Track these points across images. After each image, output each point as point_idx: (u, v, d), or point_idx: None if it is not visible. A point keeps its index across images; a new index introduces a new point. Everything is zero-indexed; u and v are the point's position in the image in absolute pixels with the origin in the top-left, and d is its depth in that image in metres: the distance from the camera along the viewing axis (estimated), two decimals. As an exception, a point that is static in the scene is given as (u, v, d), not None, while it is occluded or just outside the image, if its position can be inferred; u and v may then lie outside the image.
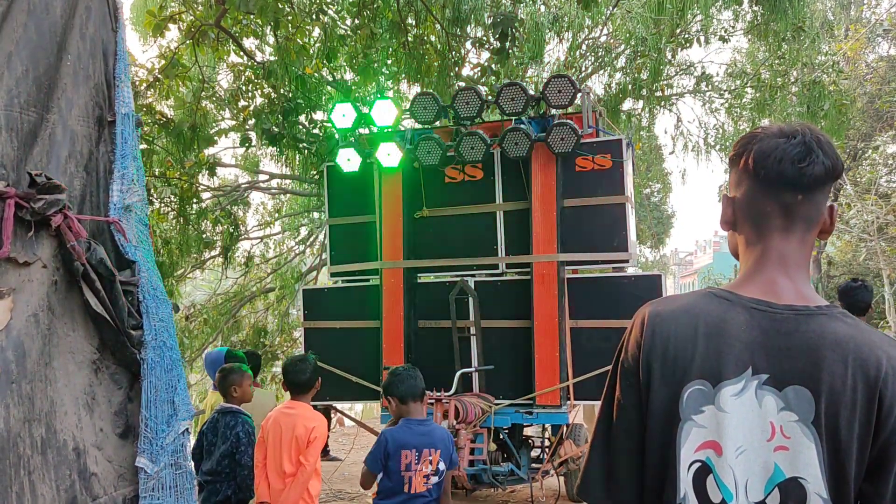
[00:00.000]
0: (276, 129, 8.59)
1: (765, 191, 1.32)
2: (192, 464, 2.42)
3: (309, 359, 4.10)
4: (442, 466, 3.48)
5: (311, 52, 8.87)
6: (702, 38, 11.64)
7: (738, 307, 1.30)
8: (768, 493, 1.22)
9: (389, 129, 6.52)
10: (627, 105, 12.62)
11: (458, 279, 6.54)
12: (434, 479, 3.46)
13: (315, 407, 6.10)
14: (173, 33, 8.81)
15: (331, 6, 8.65)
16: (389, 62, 9.04)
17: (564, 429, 6.39)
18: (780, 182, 1.30)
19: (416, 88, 9.36)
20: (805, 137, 1.31)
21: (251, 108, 9.38)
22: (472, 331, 6.46)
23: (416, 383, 3.61)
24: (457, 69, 9.25)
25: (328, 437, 8.58)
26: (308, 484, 3.75)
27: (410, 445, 3.44)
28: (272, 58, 8.94)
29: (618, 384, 1.39)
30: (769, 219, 1.32)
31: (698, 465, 1.27)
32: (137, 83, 8.32)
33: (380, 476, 3.49)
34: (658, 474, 1.31)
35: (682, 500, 1.27)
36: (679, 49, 11.97)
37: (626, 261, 6.17)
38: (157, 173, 8.92)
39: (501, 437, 6.30)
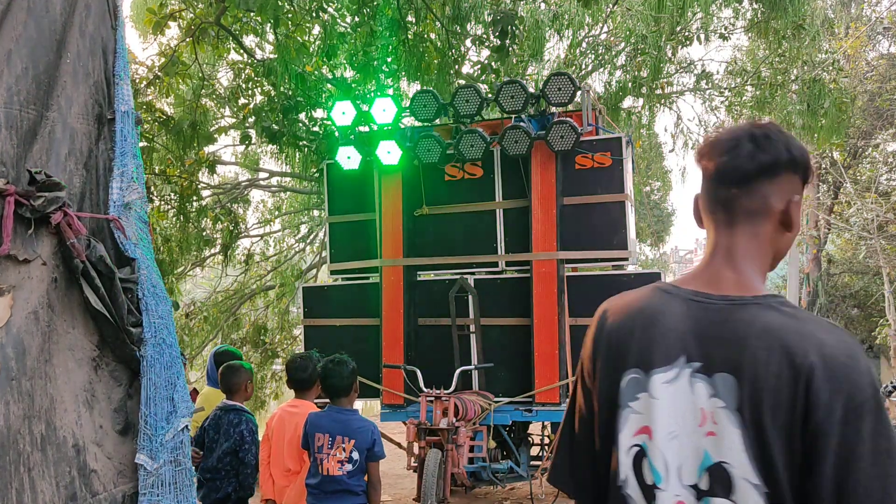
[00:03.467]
0: (276, 127, 8.59)
1: (707, 186, 1.39)
2: (191, 461, 2.42)
3: (312, 356, 4.11)
4: (356, 456, 3.57)
5: (311, 49, 8.87)
6: (702, 36, 11.64)
7: (678, 299, 1.35)
8: (700, 477, 1.25)
9: (389, 127, 6.52)
10: (627, 103, 12.62)
11: (457, 277, 6.54)
12: (348, 467, 3.52)
13: (318, 405, 6.12)
14: (173, 31, 8.82)
15: (331, 4, 8.65)
16: (389, 60, 9.03)
17: (564, 426, 6.38)
18: (715, 177, 1.36)
19: (416, 86, 9.36)
20: (742, 132, 1.33)
21: (251, 105, 9.38)
22: (472, 328, 6.46)
23: (337, 382, 3.67)
24: (457, 67, 9.24)
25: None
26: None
27: (324, 430, 3.61)
28: (272, 55, 8.94)
29: (577, 379, 1.49)
30: (714, 213, 1.37)
31: (637, 449, 1.33)
32: (138, 81, 8.32)
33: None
34: (606, 459, 1.38)
35: (623, 482, 1.33)
36: (679, 47, 11.96)
37: (626, 259, 6.18)
38: (157, 171, 8.92)
39: (509, 433, 6.32)
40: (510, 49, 8.03)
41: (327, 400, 3.84)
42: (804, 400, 1.18)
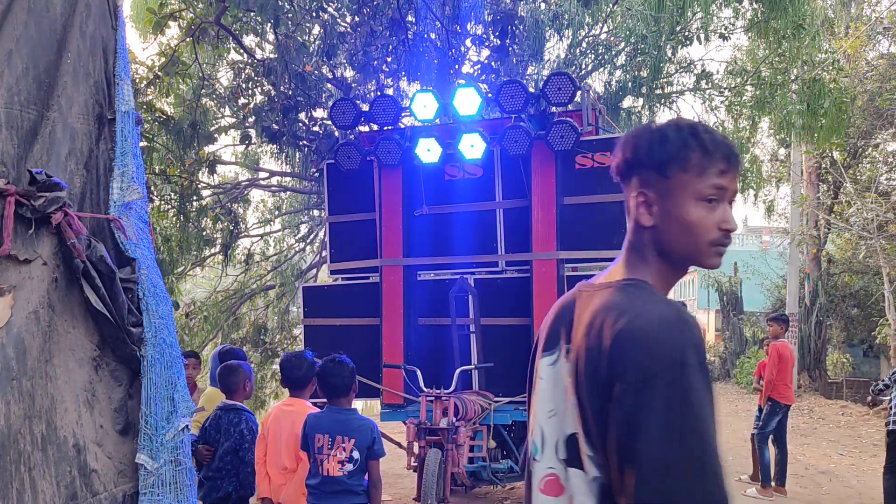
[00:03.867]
0: (276, 127, 8.60)
1: None
2: (191, 460, 2.43)
3: (305, 355, 4.11)
4: (356, 455, 3.56)
5: (311, 49, 8.87)
6: (702, 36, 11.64)
7: (577, 290, 1.45)
8: (567, 449, 1.33)
9: (389, 127, 6.52)
10: (627, 103, 12.62)
11: (457, 277, 6.54)
12: (349, 467, 3.52)
13: (315, 405, 6.11)
14: (173, 31, 8.82)
15: (331, 3, 8.65)
16: (389, 60, 9.03)
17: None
18: None
19: (416, 86, 9.36)
20: (624, 136, 1.45)
21: (251, 105, 9.38)
22: (472, 328, 6.47)
23: (336, 381, 3.67)
24: (456, 67, 9.24)
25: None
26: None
27: (324, 430, 3.60)
28: (272, 55, 8.94)
29: None
30: None
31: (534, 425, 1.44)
32: (138, 81, 8.32)
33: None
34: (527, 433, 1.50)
35: (526, 452, 1.46)
36: (679, 47, 11.96)
37: (626, 258, 6.17)
38: (157, 171, 8.92)
39: (510, 433, 6.32)
40: (510, 49, 8.03)
41: (325, 400, 3.84)
42: (606, 369, 1.20)
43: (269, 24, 8.70)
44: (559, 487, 1.33)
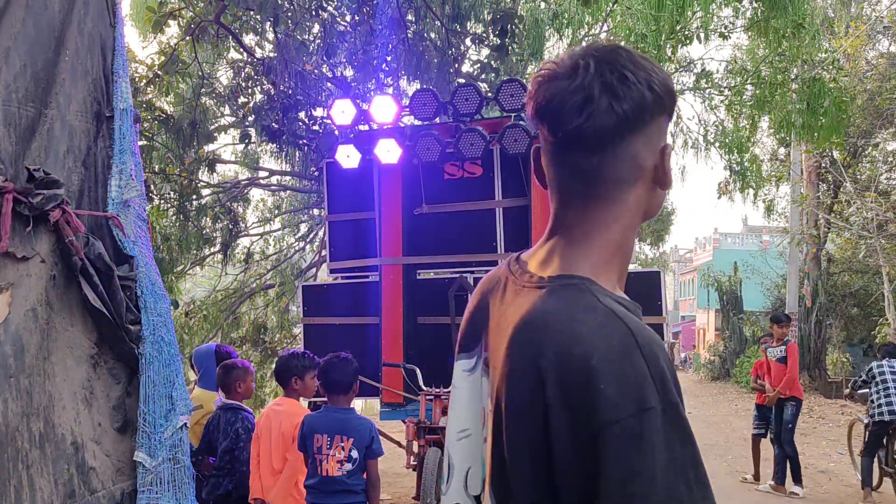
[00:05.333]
0: (276, 126, 8.59)
1: (549, 150, 1.07)
2: (189, 459, 2.42)
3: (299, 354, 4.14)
4: (355, 455, 3.55)
5: (311, 48, 8.87)
6: (702, 35, 11.64)
7: (504, 276, 1.09)
8: (482, 488, 1.06)
9: (388, 126, 6.52)
10: (627, 102, 12.59)
11: (457, 276, 6.53)
12: (348, 466, 3.52)
13: (315, 404, 6.11)
14: (173, 29, 8.81)
15: (330, 2, 8.65)
16: (389, 58, 9.03)
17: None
18: (562, 143, 1.02)
19: (416, 85, 9.36)
20: (590, 77, 0.95)
21: (251, 104, 9.37)
22: (472, 327, 6.46)
23: (337, 378, 3.66)
24: (456, 65, 9.24)
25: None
26: (296, 480, 3.77)
27: (322, 430, 3.57)
28: (272, 54, 8.94)
29: None
30: (562, 184, 1.06)
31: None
32: (137, 79, 8.32)
33: None
34: None
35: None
36: (679, 46, 11.95)
37: (626, 257, 6.17)
38: (156, 169, 8.92)
39: None
40: (510, 48, 8.03)
41: (325, 400, 3.84)
42: (544, 412, 0.88)
43: (268, 23, 8.69)
44: None
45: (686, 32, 11.62)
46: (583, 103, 0.94)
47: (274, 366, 4.10)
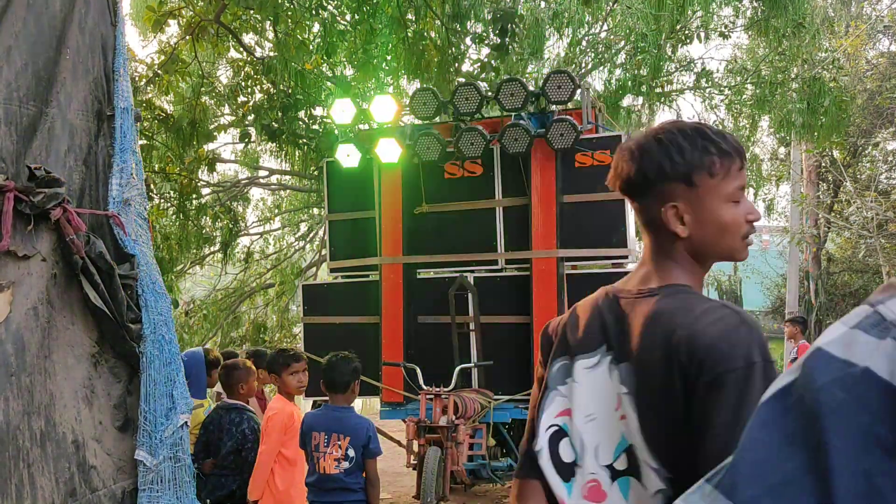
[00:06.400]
0: (276, 125, 8.59)
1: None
2: (190, 457, 2.42)
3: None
4: (352, 453, 3.57)
5: (311, 47, 8.86)
6: (702, 34, 11.62)
7: (609, 297, 1.44)
8: (617, 457, 1.33)
9: (389, 125, 6.52)
10: (627, 101, 12.59)
11: (457, 275, 6.54)
12: (345, 465, 3.53)
13: (315, 403, 6.12)
14: (173, 29, 8.81)
15: (330, 1, 8.64)
16: (389, 58, 9.02)
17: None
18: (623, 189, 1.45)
19: (416, 84, 9.36)
20: (624, 147, 1.40)
21: (251, 103, 9.37)
22: (472, 326, 6.46)
23: (336, 377, 3.67)
24: (456, 65, 9.24)
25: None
26: (266, 473, 3.77)
27: (320, 428, 3.62)
28: (272, 53, 8.94)
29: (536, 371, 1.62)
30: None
31: (555, 428, 1.43)
32: (137, 79, 8.31)
33: None
34: (531, 432, 1.50)
35: (538, 452, 1.44)
36: (679, 45, 11.95)
37: (626, 257, 6.18)
38: (156, 169, 8.92)
39: (509, 431, 6.33)
40: (510, 47, 8.03)
41: (326, 399, 3.86)
42: (679, 375, 1.21)
43: (268, 22, 8.69)
44: (601, 494, 1.34)
45: (686, 32, 11.62)
46: (617, 162, 1.42)
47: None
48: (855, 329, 0.76)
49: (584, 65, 12.31)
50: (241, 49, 9.17)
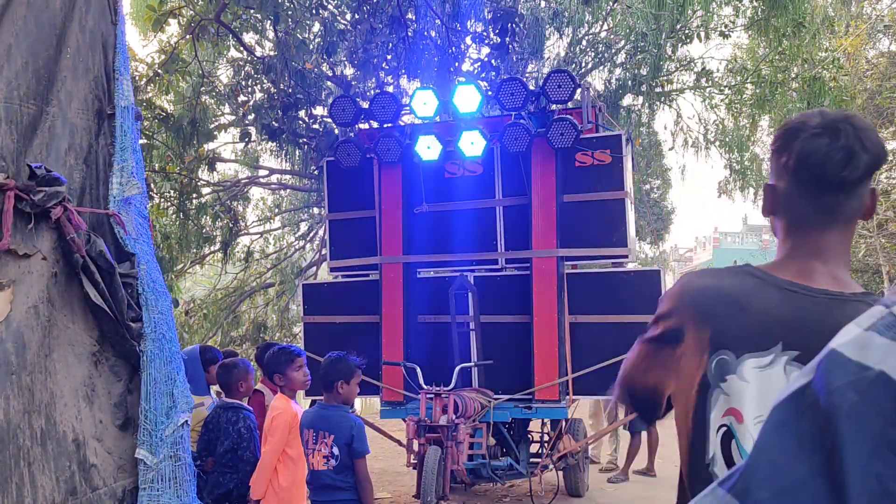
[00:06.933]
0: (276, 124, 8.59)
1: (804, 191, 1.35)
2: (191, 456, 2.42)
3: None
4: (336, 451, 3.59)
5: (311, 47, 8.87)
6: (702, 34, 11.63)
7: (771, 286, 1.34)
8: None
9: (389, 125, 6.51)
10: (627, 100, 12.61)
11: (457, 274, 6.54)
12: (332, 462, 3.57)
13: (312, 402, 6.12)
14: (173, 28, 8.81)
15: (330, 1, 8.64)
16: (389, 57, 9.02)
17: (563, 423, 6.40)
18: (822, 186, 1.32)
19: (416, 83, 9.36)
20: (848, 139, 1.29)
21: (251, 103, 9.37)
22: (472, 326, 6.46)
23: (323, 375, 3.74)
24: (456, 64, 9.24)
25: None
26: (269, 472, 3.79)
27: (310, 425, 3.67)
28: (272, 53, 8.94)
29: (658, 329, 1.44)
30: (809, 216, 1.36)
31: (724, 429, 1.34)
32: (137, 78, 8.31)
33: None
34: (693, 435, 1.38)
35: (711, 460, 1.34)
36: (679, 45, 11.96)
37: (626, 256, 6.17)
38: (157, 168, 8.92)
39: (509, 430, 6.34)
40: (510, 46, 8.02)
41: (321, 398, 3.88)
42: None
43: (268, 22, 8.69)
44: None
45: (686, 31, 11.62)
46: (847, 158, 1.29)
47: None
48: (870, 331, 0.76)
49: (584, 64, 12.31)
50: (242, 48, 9.17)
